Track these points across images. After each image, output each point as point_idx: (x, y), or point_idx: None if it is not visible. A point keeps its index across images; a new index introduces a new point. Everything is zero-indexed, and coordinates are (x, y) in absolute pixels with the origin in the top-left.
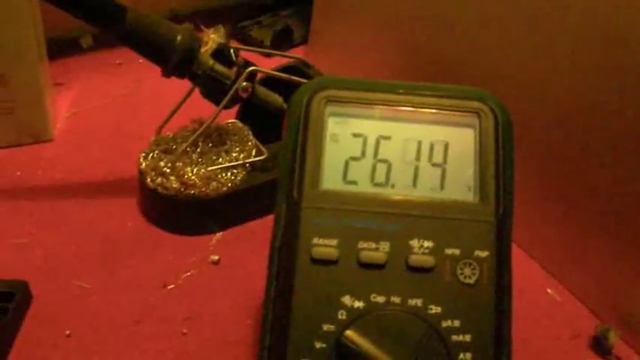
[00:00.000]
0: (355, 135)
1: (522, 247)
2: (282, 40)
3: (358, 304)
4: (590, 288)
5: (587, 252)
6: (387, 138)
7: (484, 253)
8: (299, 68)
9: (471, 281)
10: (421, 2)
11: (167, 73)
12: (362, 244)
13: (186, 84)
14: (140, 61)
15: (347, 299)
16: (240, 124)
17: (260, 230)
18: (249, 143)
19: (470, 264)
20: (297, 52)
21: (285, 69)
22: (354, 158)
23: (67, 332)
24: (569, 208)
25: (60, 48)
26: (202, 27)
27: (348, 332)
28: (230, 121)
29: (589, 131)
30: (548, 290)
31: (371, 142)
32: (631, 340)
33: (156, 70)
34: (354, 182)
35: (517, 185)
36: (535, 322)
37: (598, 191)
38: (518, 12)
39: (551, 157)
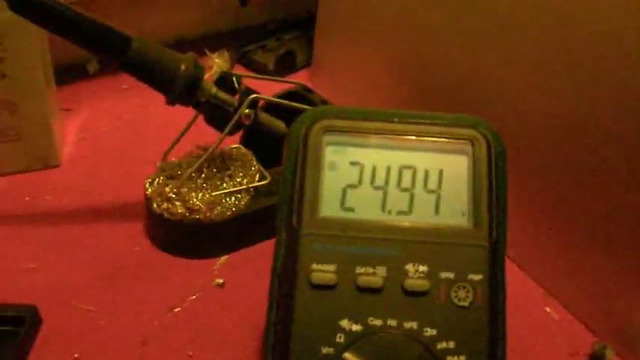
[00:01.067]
0: (352, 163)
1: (521, 266)
2: (286, 64)
3: (356, 327)
4: (587, 306)
5: (585, 270)
6: (383, 166)
7: (478, 277)
8: (301, 93)
9: (466, 304)
10: (424, 27)
11: (171, 102)
12: (359, 269)
13: (191, 109)
14: (146, 86)
15: (345, 323)
16: (243, 149)
17: (264, 253)
18: (253, 168)
19: (464, 287)
20: (301, 76)
21: (287, 94)
22: (351, 186)
23: (76, 355)
24: (565, 227)
25: (67, 74)
26: (207, 51)
27: (347, 355)
28: (234, 146)
29: (583, 150)
30: (547, 309)
31: (368, 170)
32: (628, 357)
33: (161, 95)
34: (351, 209)
35: (513, 205)
36: (533, 340)
37: (594, 209)
38: (517, 36)
39: (548, 177)
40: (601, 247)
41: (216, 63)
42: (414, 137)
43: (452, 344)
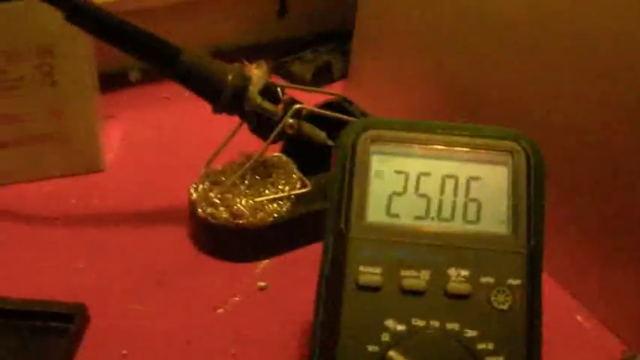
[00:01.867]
0: (397, 172)
1: (553, 275)
2: (322, 76)
3: (400, 327)
4: (618, 315)
5: (616, 279)
6: (427, 174)
7: (517, 282)
8: (340, 104)
9: (505, 307)
10: (461, 39)
11: (218, 110)
12: (404, 273)
13: (231, 118)
14: (186, 94)
15: (390, 323)
16: (285, 158)
17: (304, 258)
18: (294, 176)
19: (503, 291)
20: (337, 88)
21: (327, 105)
22: (396, 193)
23: (124, 352)
24: (597, 237)
25: (109, 81)
26: (245, 62)
27: (391, 353)
28: (275, 154)
29: (620, 161)
30: (578, 317)
31: (412, 178)
32: None
33: (202, 104)
34: (396, 215)
35: (549, 216)
36: (564, 349)
37: (627, 220)
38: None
39: (581, 189)
40: (633, 256)
41: (255, 74)
42: (456, 148)
43: (491, 345)
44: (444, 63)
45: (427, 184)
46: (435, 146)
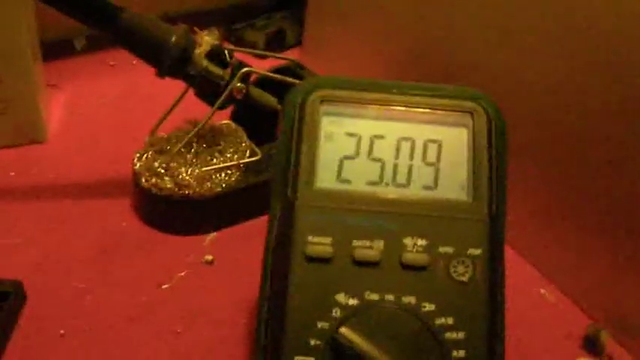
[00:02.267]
0: (349, 134)
1: (516, 248)
2: (276, 43)
3: (352, 301)
4: (582, 289)
5: (580, 253)
6: (381, 137)
7: (477, 251)
8: (293, 70)
9: (465, 279)
10: (416, 6)
11: (161, 74)
12: (356, 243)
13: (179, 85)
14: (134, 62)
15: (341, 297)
16: (234, 125)
17: (254, 230)
18: (243, 144)
19: (463, 262)
20: (290, 54)
21: (279, 70)
22: (348, 157)
23: (62, 332)
24: (563, 210)
25: (53, 50)
26: (196, 29)
27: (343, 329)
28: (224, 122)
29: (587, 133)
30: (542, 290)
31: (365, 141)
32: (623, 340)
33: (149, 71)
34: (348, 181)
35: (511, 187)
36: (528, 323)
37: (593, 193)
38: (518, 16)
39: (548, 159)
40: (596, 230)
41: (206, 40)
42: (412, 109)
43: (450, 320)
44: (400, 27)
45: (381, 147)
46: (389, 107)
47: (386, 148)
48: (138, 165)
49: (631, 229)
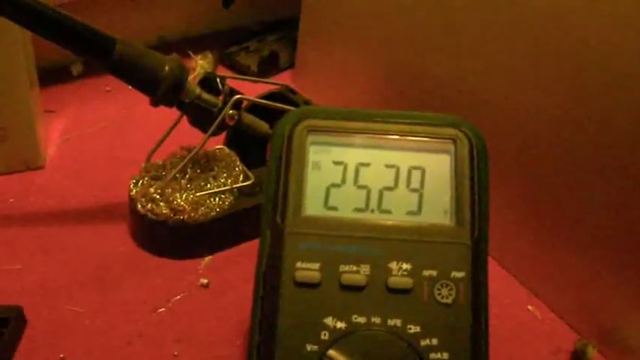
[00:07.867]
0: (336, 162)
1: (503, 265)
2: (269, 65)
3: (340, 324)
4: (569, 304)
5: (567, 269)
6: (367, 165)
7: (460, 274)
8: (284, 95)
9: (449, 301)
10: (407, 28)
11: (155, 103)
12: (343, 268)
13: (174, 110)
14: (129, 87)
15: (329, 320)
16: (227, 150)
17: (248, 253)
18: (237, 169)
19: (447, 284)
20: (284, 77)
21: (270, 96)
22: (334, 185)
23: (61, 356)
24: (547, 226)
25: (50, 76)
26: (190, 53)
27: (331, 352)
28: (217, 147)
29: (564, 151)
30: (529, 307)
31: (351, 169)
32: (609, 354)
33: (145, 97)
34: (335, 208)
35: (497, 205)
36: (516, 339)
37: (575, 208)
38: (502, 38)
39: (530, 177)
40: (583, 246)
41: (200, 65)
42: (396, 136)
43: (435, 341)
44: (390, 53)
45: (367, 174)
46: (374, 135)
47: (371, 175)
48: (134, 191)
49: (617, 246)
